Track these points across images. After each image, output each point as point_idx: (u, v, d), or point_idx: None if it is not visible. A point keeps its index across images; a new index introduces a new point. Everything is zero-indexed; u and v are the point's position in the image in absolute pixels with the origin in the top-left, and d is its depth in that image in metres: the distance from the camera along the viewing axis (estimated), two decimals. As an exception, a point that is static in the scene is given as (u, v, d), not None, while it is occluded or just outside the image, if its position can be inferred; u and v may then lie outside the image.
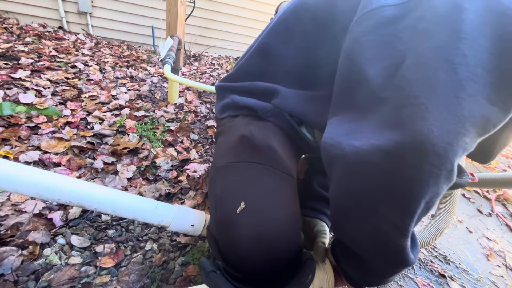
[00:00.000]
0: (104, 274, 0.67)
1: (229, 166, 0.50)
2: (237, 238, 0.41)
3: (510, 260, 1.17)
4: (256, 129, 0.52)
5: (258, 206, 0.42)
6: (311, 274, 0.41)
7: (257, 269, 0.41)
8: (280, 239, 0.41)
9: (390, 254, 0.36)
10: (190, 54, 2.73)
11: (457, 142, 0.27)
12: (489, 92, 0.27)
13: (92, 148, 1.08)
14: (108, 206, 0.58)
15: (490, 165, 2.13)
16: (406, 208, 0.30)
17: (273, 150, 0.49)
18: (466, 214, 1.43)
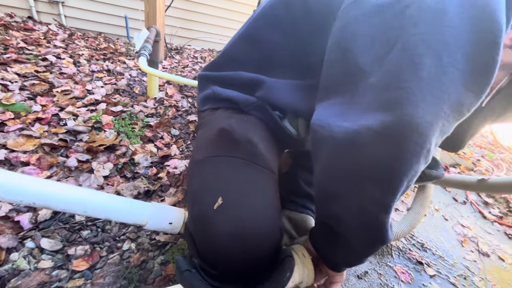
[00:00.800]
0: (77, 278, 0.64)
1: (207, 161, 0.48)
2: (213, 235, 0.39)
3: (482, 246, 1.23)
4: (236, 123, 0.51)
5: (236, 202, 0.41)
6: (289, 272, 0.40)
7: (234, 266, 0.40)
8: (258, 236, 0.40)
9: (372, 231, 0.37)
10: (171, 47, 2.65)
11: (437, 123, 0.29)
12: (467, 79, 0.30)
13: (65, 146, 1.02)
14: (78, 206, 0.55)
15: (465, 155, 2.23)
16: (391, 185, 0.32)
17: (253, 144, 0.47)
18: (443, 203, 1.49)
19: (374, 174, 0.32)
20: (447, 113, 0.30)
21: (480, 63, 0.30)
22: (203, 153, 0.50)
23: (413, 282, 0.92)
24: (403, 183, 0.32)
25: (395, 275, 0.92)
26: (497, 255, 1.21)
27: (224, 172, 0.45)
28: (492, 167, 2.16)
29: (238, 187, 0.43)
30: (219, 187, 0.43)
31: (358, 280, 0.86)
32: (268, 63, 0.53)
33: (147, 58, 0.96)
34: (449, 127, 0.31)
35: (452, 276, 1.00)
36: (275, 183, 0.48)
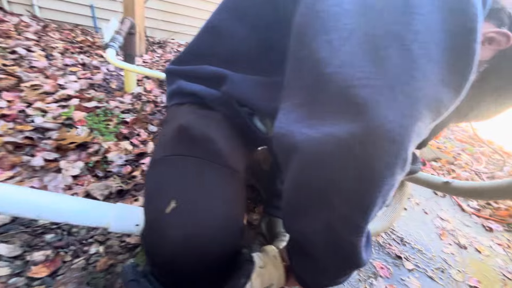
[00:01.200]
0: (36, 285, 0.60)
1: (164, 160, 0.45)
2: (164, 240, 0.37)
3: (460, 238, 1.26)
4: (195, 119, 0.48)
5: (189, 204, 0.38)
6: (245, 278, 0.38)
7: (186, 273, 0.38)
8: (213, 240, 0.37)
9: (342, 253, 0.34)
10: (153, 40, 2.56)
11: (412, 127, 0.25)
12: (443, 73, 0.26)
13: (31, 144, 0.96)
14: (30, 209, 0.50)
15: (446, 149, 2.28)
16: (361, 203, 0.28)
17: (213, 142, 0.44)
18: (423, 197, 1.51)
19: (343, 189, 0.28)
20: (423, 113, 0.25)
21: (457, 54, 0.26)
22: (161, 152, 0.47)
23: (392, 277, 0.92)
24: (375, 201, 0.27)
25: (374, 271, 0.92)
26: (474, 247, 1.23)
27: (179, 173, 0.42)
28: (472, 160, 2.21)
29: (193, 188, 0.40)
30: (173, 189, 0.40)
31: (337, 276, 0.86)
32: (233, 57, 0.50)
33: (117, 50, 0.91)
34: (425, 130, 0.27)
35: (430, 269, 1.01)
36: (237, 182, 0.46)
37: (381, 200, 0.28)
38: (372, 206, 0.28)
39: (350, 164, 0.26)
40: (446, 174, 1.85)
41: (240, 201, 0.45)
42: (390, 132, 0.24)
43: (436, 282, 0.97)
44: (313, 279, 0.46)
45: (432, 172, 1.77)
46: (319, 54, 0.28)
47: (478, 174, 1.97)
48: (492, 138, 2.97)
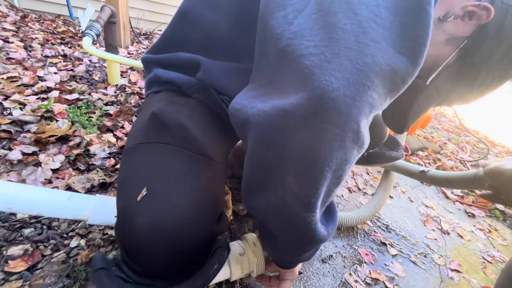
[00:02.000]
0: (14, 280, 0.58)
1: (136, 148, 0.44)
2: (135, 228, 0.36)
3: (444, 224, 1.29)
4: (168, 106, 0.47)
5: (160, 191, 0.38)
6: (218, 263, 0.38)
7: (157, 261, 0.37)
8: (181, 228, 0.37)
9: (297, 230, 0.34)
10: (140, 31, 2.50)
11: (361, 96, 0.23)
12: (395, 38, 0.24)
13: (8, 137, 0.93)
14: (0, 202, 0.49)
15: (432, 139, 2.32)
16: (309, 177, 0.27)
17: (185, 129, 0.43)
18: (409, 185, 1.54)
19: (292, 164, 0.28)
20: (376, 82, 0.24)
21: (410, 18, 0.24)
22: (133, 140, 0.46)
23: (376, 263, 0.94)
24: (324, 175, 0.27)
25: (359, 257, 0.94)
26: (457, 232, 1.27)
27: (151, 160, 0.41)
28: (457, 149, 2.26)
29: (164, 175, 0.39)
30: (144, 176, 0.39)
31: (322, 264, 0.87)
32: (207, 43, 0.49)
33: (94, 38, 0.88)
34: (380, 101, 0.26)
35: (413, 254, 1.04)
36: (212, 170, 0.45)
37: (333, 175, 0.28)
38: (322, 181, 0.27)
39: (297, 137, 0.26)
40: (432, 163, 1.89)
41: (215, 190, 0.44)
42: (334, 101, 0.23)
43: (418, 266, 0.99)
44: (281, 257, 0.47)
45: (418, 161, 1.80)
46: (276, 30, 0.27)
47: (463, 162, 2.01)
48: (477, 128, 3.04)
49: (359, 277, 0.87)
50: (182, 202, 0.37)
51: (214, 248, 0.41)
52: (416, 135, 2.19)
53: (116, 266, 0.38)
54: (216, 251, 0.40)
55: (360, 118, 0.25)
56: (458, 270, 1.04)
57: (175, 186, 0.38)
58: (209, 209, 0.41)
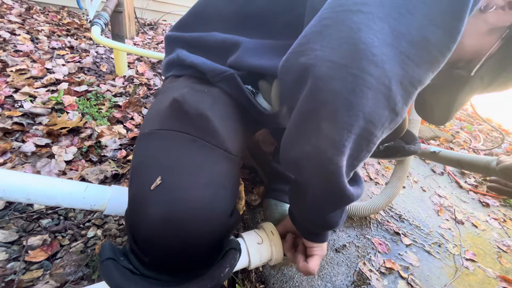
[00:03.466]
0: (35, 269, 0.59)
1: (153, 134, 0.42)
2: (144, 217, 0.35)
3: (458, 214, 1.27)
4: (191, 93, 0.44)
5: (175, 182, 0.36)
6: (229, 267, 0.36)
7: (167, 254, 0.36)
8: (195, 222, 0.36)
9: (327, 175, 0.34)
10: (144, 22, 2.46)
11: (395, 57, 0.27)
12: (431, 13, 0.27)
13: (21, 130, 0.93)
14: (19, 193, 0.49)
15: (444, 127, 2.27)
16: (344, 118, 0.29)
17: (206, 120, 0.41)
18: (422, 175, 1.52)
19: (329, 109, 0.29)
20: (408, 50, 0.27)
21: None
22: (150, 125, 0.44)
23: (390, 252, 0.94)
24: (357, 118, 0.28)
25: (373, 247, 0.93)
26: (471, 222, 1.25)
27: (167, 148, 0.40)
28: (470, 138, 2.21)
29: (180, 166, 0.38)
30: (159, 165, 0.38)
31: (336, 253, 0.87)
32: (242, 19, 0.46)
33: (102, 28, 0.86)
34: (416, 71, 0.27)
35: (427, 244, 1.03)
36: (229, 165, 0.43)
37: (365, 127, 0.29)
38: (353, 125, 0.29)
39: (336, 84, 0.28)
40: (444, 152, 1.85)
41: (231, 185, 0.43)
42: (374, 56, 0.26)
43: (433, 256, 0.98)
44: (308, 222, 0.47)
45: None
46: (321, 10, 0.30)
47: (476, 151, 1.97)
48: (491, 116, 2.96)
49: (373, 266, 0.86)
50: (197, 195, 0.36)
51: (226, 248, 0.40)
52: (428, 124, 2.14)
53: (124, 256, 0.37)
54: (228, 252, 0.38)
55: (393, 77, 0.27)
56: (473, 259, 1.02)
57: (191, 178, 0.37)
58: (223, 203, 0.40)
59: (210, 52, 0.48)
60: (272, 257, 0.51)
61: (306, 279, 0.76)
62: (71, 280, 0.58)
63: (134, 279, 0.35)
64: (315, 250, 0.52)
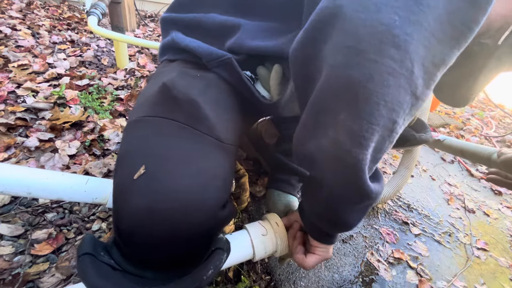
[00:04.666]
0: (41, 262, 0.60)
1: (139, 121, 0.40)
2: (127, 209, 0.33)
3: (468, 202, 1.24)
4: (182, 78, 0.42)
5: (160, 171, 0.34)
6: (213, 269, 0.33)
7: (150, 246, 0.34)
8: (183, 214, 0.33)
9: (346, 169, 0.32)
10: (145, 14, 2.43)
11: (419, 36, 0.24)
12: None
13: (24, 125, 0.93)
14: (19, 187, 0.48)
15: (455, 115, 2.20)
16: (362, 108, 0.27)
17: (196, 106, 0.39)
18: (431, 163, 1.48)
19: (348, 98, 0.27)
20: (433, 26, 0.24)
21: None
22: (138, 112, 0.42)
23: (398, 242, 0.92)
24: (377, 107, 0.26)
25: (381, 237, 0.92)
26: (483, 210, 1.22)
27: (153, 136, 0.38)
28: (482, 125, 2.14)
29: (166, 155, 0.36)
30: (144, 154, 0.36)
31: (343, 244, 0.85)
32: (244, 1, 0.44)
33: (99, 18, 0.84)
34: (439, 49, 0.25)
35: (437, 233, 1.00)
36: (222, 154, 0.41)
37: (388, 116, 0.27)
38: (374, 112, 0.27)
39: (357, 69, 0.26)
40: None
41: (223, 176, 0.40)
42: (395, 37, 0.24)
43: (443, 245, 0.96)
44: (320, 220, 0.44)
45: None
46: None
47: (488, 138, 1.91)
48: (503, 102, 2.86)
49: (381, 256, 0.85)
50: (184, 185, 0.34)
51: (213, 248, 0.36)
52: (437, 111, 2.07)
53: (105, 251, 0.35)
54: (214, 252, 0.35)
55: (416, 59, 0.25)
56: (485, 248, 1.00)
57: (177, 167, 0.35)
58: (214, 195, 0.37)
59: (207, 35, 0.45)
60: (277, 248, 0.50)
61: (312, 270, 0.75)
62: (77, 273, 0.58)
63: (113, 276, 0.33)
64: (319, 250, 0.49)
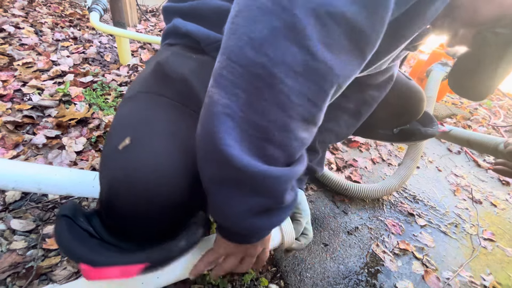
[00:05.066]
0: (52, 256, 0.61)
1: (132, 97, 0.41)
2: (108, 177, 0.33)
3: (475, 193, 1.23)
4: (176, 57, 0.43)
5: (144, 143, 0.34)
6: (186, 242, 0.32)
7: (126, 215, 0.34)
8: (162, 187, 0.33)
9: (205, 128, 0.29)
10: (146, 8, 2.41)
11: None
12: None
13: (31, 123, 0.95)
14: (30, 183, 0.49)
15: (462, 105, 2.16)
16: (226, 42, 0.27)
17: (187, 84, 0.39)
18: (437, 154, 1.46)
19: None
20: None
21: None
22: (132, 90, 0.43)
23: (404, 233, 0.92)
24: (239, 41, 0.24)
25: (386, 228, 0.92)
26: (490, 201, 1.21)
27: (141, 110, 0.38)
28: (490, 115, 2.10)
29: (152, 128, 0.36)
30: (131, 126, 0.36)
31: (348, 236, 0.86)
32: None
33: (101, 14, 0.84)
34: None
35: (443, 224, 1.00)
36: None
37: (251, 53, 0.24)
38: (233, 50, 0.25)
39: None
40: (461, 130, 1.77)
41: None
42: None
43: (449, 236, 0.96)
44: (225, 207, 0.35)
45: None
46: None
47: (496, 128, 1.87)
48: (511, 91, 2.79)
49: (386, 248, 0.85)
50: (165, 158, 0.34)
51: (192, 221, 0.36)
52: (444, 102, 2.04)
53: (85, 218, 0.35)
54: (189, 226, 0.34)
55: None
56: (492, 239, 0.99)
57: (162, 140, 0.35)
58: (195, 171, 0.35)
59: (205, 20, 0.45)
60: (283, 241, 0.51)
61: (318, 261, 0.76)
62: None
63: (88, 241, 0.33)
64: (223, 248, 0.42)
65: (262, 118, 0.26)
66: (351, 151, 1.30)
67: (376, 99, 0.64)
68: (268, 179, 0.28)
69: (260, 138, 0.27)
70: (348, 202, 0.99)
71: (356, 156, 1.26)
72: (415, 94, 0.71)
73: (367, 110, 0.65)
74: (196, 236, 0.33)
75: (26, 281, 0.56)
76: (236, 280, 0.65)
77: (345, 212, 0.94)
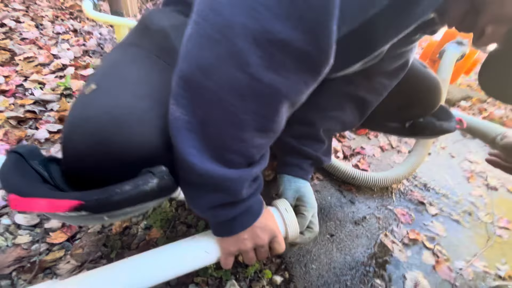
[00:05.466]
0: (57, 250, 0.62)
1: (114, 49, 0.43)
2: (68, 118, 0.32)
3: (491, 180, 1.17)
4: (159, 12, 0.43)
5: (110, 88, 0.33)
6: (132, 186, 0.29)
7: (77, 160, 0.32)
8: (120, 134, 0.31)
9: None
10: (147, -2, 2.36)
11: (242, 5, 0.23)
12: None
13: (34, 117, 0.95)
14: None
15: (478, 87, 2.05)
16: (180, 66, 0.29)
17: (166, 37, 0.38)
18: (450, 140, 1.40)
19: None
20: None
21: None
22: (119, 43, 0.44)
23: (413, 223, 0.89)
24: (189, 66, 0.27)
25: (395, 218, 0.89)
26: (506, 188, 1.15)
27: (115, 60, 0.38)
28: (508, 97, 1.99)
29: (122, 76, 0.35)
30: (101, 73, 0.36)
31: (355, 226, 0.83)
32: None
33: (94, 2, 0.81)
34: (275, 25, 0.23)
35: (455, 213, 0.96)
36: None
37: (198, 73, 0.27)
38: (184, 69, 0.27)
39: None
40: (477, 114, 1.69)
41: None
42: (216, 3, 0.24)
43: (462, 225, 0.92)
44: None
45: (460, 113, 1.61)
46: None
47: (514, 111, 1.77)
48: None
49: (395, 238, 0.82)
50: (128, 104, 0.32)
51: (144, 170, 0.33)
52: (458, 84, 1.94)
53: (41, 161, 0.33)
54: (142, 174, 0.31)
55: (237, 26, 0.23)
56: (507, 227, 0.95)
57: (129, 86, 0.34)
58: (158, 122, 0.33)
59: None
60: (287, 235, 0.49)
61: (324, 252, 0.74)
62: (90, 259, 0.60)
63: (36, 183, 0.30)
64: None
65: (218, 132, 0.29)
66: (359, 138, 1.25)
67: (387, 87, 0.59)
68: (226, 181, 0.32)
69: (218, 147, 0.31)
70: (355, 191, 0.96)
71: (364, 144, 1.22)
72: (430, 84, 0.66)
73: (376, 99, 0.61)
74: (147, 183, 0.30)
75: (30, 274, 0.56)
76: (239, 272, 0.65)
77: (352, 202, 0.91)
